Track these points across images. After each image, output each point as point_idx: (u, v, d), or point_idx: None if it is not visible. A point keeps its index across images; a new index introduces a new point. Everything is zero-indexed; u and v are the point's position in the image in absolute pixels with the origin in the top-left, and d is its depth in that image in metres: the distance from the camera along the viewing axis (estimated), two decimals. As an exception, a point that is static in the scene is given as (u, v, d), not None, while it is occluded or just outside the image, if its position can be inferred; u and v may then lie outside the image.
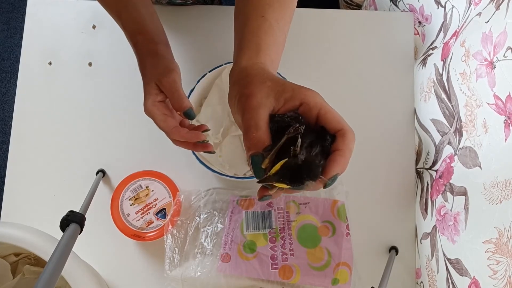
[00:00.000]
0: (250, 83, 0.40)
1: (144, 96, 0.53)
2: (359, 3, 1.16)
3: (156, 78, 0.52)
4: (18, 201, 0.71)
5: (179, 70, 0.54)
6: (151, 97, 0.52)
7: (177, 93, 0.52)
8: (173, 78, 0.52)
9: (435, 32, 0.72)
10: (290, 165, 0.33)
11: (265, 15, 0.45)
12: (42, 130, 0.73)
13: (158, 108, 0.52)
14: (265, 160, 0.35)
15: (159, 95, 0.53)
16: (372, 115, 0.73)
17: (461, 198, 0.56)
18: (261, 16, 0.45)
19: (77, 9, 0.77)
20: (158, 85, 0.52)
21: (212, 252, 0.65)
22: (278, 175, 0.34)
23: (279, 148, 0.35)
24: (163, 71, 0.52)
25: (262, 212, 0.66)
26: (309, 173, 0.34)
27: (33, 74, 0.75)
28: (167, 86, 0.52)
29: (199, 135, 0.52)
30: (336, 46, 0.76)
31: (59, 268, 0.43)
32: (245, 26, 0.45)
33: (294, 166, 0.33)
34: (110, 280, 0.68)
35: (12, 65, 1.52)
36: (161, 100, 0.53)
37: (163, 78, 0.52)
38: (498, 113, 0.49)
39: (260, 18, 0.45)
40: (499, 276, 0.46)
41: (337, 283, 0.62)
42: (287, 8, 0.47)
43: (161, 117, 0.52)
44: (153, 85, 0.52)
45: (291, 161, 0.33)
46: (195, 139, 0.52)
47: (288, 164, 0.33)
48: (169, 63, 0.54)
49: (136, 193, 0.66)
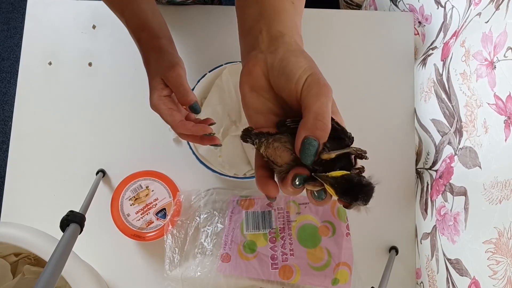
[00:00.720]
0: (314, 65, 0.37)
1: (150, 91, 0.53)
2: (359, 3, 1.16)
3: (161, 73, 0.52)
4: (18, 201, 0.71)
5: (183, 64, 0.54)
6: (156, 92, 0.52)
7: (182, 87, 0.52)
8: (178, 72, 0.52)
9: (435, 32, 0.72)
10: (351, 178, 0.32)
11: (294, 2, 0.43)
12: (42, 130, 0.73)
13: (164, 103, 0.52)
14: (330, 153, 0.33)
15: (164, 90, 0.53)
16: (372, 115, 0.73)
17: (461, 198, 0.56)
18: (291, 3, 0.42)
19: (77, 9, 0.77)
20: (164, 80, 0.53)
21: (212, 252, 0.65)
22: (334, 180, 0.32)
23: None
24: (168, 66, 0.52)
25: (262, 212, 0.66)
26: (364, 197, 0.32)
27: (33, 74, 0.75)
28: (173, 80, 0.52)
29: (205, 128, 0.52)
30: (336, 46, 0.76)
31: (59, 268, 0.43)
32: None
33: (356, 181, 0.32)
34: (110, 280, 0.68)
35: (12, 65, 1.52)
36: (166, 94, 0.53)
37: (168, 73, 0.52)
38: (498, 113, 0.49)
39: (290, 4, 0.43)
40: (499, 276, 0.46)
41: (337, 283, 0.62)
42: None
43: (167, 111, 0.52)
44: (159, 79, 0.53)
45: (355, 176, 0.32)
46: (201, 132, 0.52)
47: (349, 177, 0.32)
48: (173, 57, 0.54)
49: (136, 193, 0.66)
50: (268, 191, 0.36)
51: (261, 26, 0.40)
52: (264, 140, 0.36)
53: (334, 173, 0.32)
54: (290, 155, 0.34)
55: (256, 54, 0.39)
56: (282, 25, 0.40)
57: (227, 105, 0.68)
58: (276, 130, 0.38)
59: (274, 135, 0.36)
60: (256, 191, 0.69)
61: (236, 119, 0.68)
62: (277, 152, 0.35)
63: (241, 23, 0.44)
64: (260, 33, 0.40)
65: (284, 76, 0.37)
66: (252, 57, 0.39)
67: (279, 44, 0.38)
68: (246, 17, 0.43)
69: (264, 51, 0.39)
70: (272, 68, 0.38)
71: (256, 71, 0.39)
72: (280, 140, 0.35)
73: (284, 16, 0.41)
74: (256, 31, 0.41)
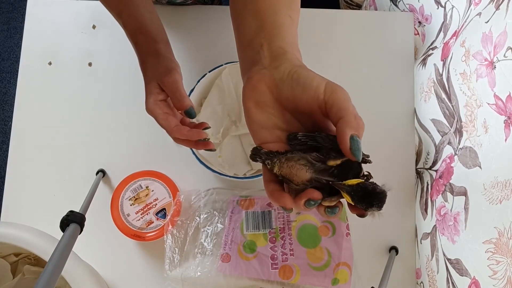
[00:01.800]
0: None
1: (146, 95, 0.53)
2: (359, 3, 1.16)
3: (158, 77, 0.53)
4: (18, 201, 0.71)
5: (179, 69, 0.55)
6: (152, 96, 0.52)
7: (178, 92, 0.52)
8: (174, 77, 0.52)
9: (435, 32, 0.72)
10: (366, 186, 0.34)
11: (291, 16, 0.44)
12: (42, 130, 0.73)
13: (159, 107, 0.53)
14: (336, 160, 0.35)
15: (160, 94, 0.53)
16: (372, 115, 0.73)
17: (461, 198, 0.56)
18: (289, 16, 0.43)
19: (77, 9, 0.77)
20: (160, 85, 0.53)
21: (212, 252, 0.65)
22: (351, 188, 0.34)
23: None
24: (165, 71, 0.52)
25: (262, 212, 0.66)
26: (378, 203, 0.34)
27: (33, 74, 0.75)
28: (169, 85, 0.52)
29: (200, 133, 0.52)
30: (336, 46, 0.76)
31: (59, 268, 0.43)
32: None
33: (370, 189, 0.34)
34: (110, 280, 0.68)
35: (12, 65, 1.52)
36: (162, 99, 0.53)
37: (164, 78, 0.52)
38: (498, 113, 0.49)
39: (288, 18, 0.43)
40: (499, 276, 0.46)
41: (337, 283, 0.62)
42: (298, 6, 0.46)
43: (163, 116, 0.52)
44: (155, 84, 0.53)
45: (369, 184, 0.34)
46: (196, 137, 0.52)
47: (364, 185, 0.34)
48: (170, 62, 0.54)
49: (136, 193, 0.66)
50: (285, 203, 0.36)
51: (261, 40, 0.41)
52: (276, 160, 0.37)
53: (349, 181, 0.34)
54: (306, 172, 0.35)
55: (259, 70, 0.40)
56: (283, 41, 0.41)
57: (227, 105, 0.68)
58: (286, 143, 0.39)
59: (286, 154, 0.37)
60: (256, 191, 0.69)
61: (236, 119, 0.68)
62: (293, 171, 0.36)
63: (239, 36, 0.44)
64: (261, 48, 0.41)
65: (300, 87, 0.37)
66: (255, 73, 0.40)
67: (282, 61, 0.39)
68: (244, 30, 0.43)
69: (267, 67, 0.40)
70: (282, 82, 0.38)
71: (261, 86, 0.39)
72: (293, 159, 0.36)
73: (284, 31, 0.42)
74: (257, 46, 0.41)
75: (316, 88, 0.37)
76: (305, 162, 0.35)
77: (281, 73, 0.39)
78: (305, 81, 0.37)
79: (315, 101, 0.37)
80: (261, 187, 0.70)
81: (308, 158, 0.35)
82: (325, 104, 0.36)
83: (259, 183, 0.70)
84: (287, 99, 0.38)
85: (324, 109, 0.37)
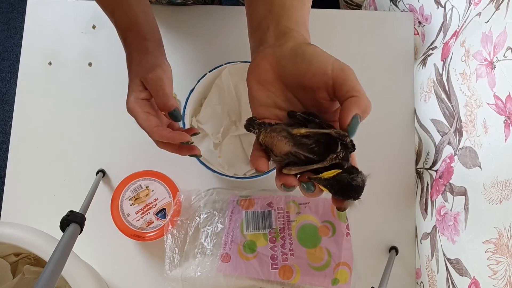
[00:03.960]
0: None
1: (127, 93, 0.50)
2: (359, 3, 1.16)
3: (141, 74, 0.49)
4: (18, 201, 0.71)
5: (168, 69, 0.50)
6: (133, 94, 0.49)
7: (161, 91, 0.48)
8: (158, 75, 0.48)
9: (435, 32, 0.72)
10: (342, 179, 0.34)
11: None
12: (42, 130, 0.73)
13: (140, 106, 0.49)
14: (300, 129, 0.36)
15: (142, 92, 0.49)
16: (372, 115, 0.72)
17: (461, 198, 0.56)
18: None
19: (77, 9, 0.77)
20: (143, 82, 0.49)
21: (212, 252, 0.65)
22: (327, 181, 0.34)
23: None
24: (149, 68, 0.49)
25: (262, 212, 0.66)
26: (355, 195, 0.35)
27: (33, 74, 0.75)
28: (152, 82, 0.48)
29: (182, 135, 0.47)
30: (336, 46, 0.76)
31: (59, 268, 0.43)
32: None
33: (346, 182, 0.34)
34: (110, 280, 0.68)
35: (12, 65, 1.52)
36: (144, 98, 0.49)
37: (147, 75, 0.48)
38: (498, 113, 0.49)
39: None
40: (499, 276, 0.46)
41: (337, 283, 0.62)
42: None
43: (143, 115, 0.48)
44: (138, 81, 0.49)
45: (346, 177, 0.34)
46: (177, 140, 0.48)
47: (340, 177, 0.34)
48: (157, 60, 0.50)
49: (136, 193, 0.66)
50: (258, 164, 0.37)
51: (268, 22, 0.41)
52: (263, 130, 0.38)
53: (326, 174, 0.35)
54: (285, 144, 0.36)
55: (264, 49, 0.40)
56: (290, 21, 0.41)
57: (227, 105, 0.68)
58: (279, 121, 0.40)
59: (274, 126, 0.38)
60: (256, 191, 0.69)
61: (236, 119, 0.68)
62: (274, 141, 0.37)
63: (250, 20, 0.45)
64: (268, 29, 0.41)
65: (305, 63, 0.37)
66: (259, 52, 0.40)
67: (286, 39, 0.39)
68: (254, 14, 0.44)
69: (271, 45, 0.40)
70: (284, 59, 0.38)
71: (263, 64, 0.39)
72: (276, 130, 0.37)
73: (292, 12, 0.41)
74: (264, 27, 0.41)
75: (323, 63, 0.37)
76: (286, 134, 0.36)
77: (283, 50, 0.39)
78: (311, 57, 0.37)
79: (321, 76, 0.36)
80: (261, 187, 0.70)
81: (289, 130, 0.36)
82: (334, 80, 0.36)
83: (259, 183, 0.70)
84: (290, 75, 0.38)
85: (331, 86, 0.36)
